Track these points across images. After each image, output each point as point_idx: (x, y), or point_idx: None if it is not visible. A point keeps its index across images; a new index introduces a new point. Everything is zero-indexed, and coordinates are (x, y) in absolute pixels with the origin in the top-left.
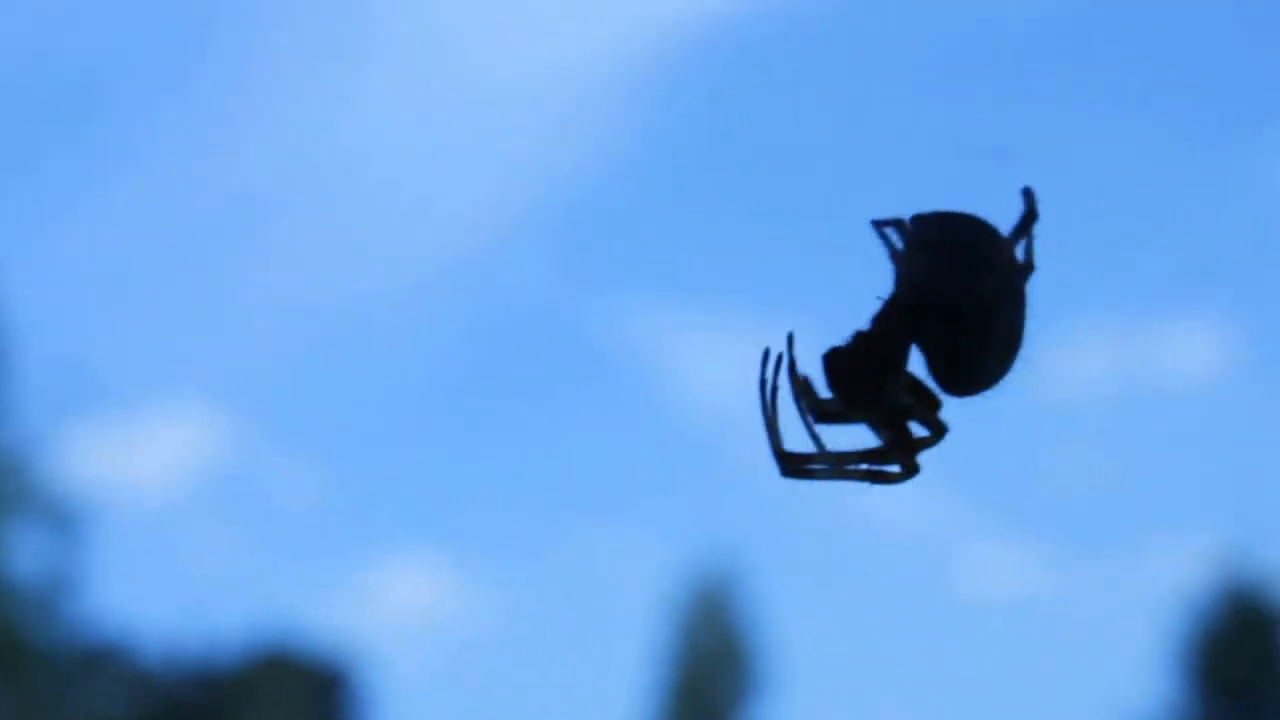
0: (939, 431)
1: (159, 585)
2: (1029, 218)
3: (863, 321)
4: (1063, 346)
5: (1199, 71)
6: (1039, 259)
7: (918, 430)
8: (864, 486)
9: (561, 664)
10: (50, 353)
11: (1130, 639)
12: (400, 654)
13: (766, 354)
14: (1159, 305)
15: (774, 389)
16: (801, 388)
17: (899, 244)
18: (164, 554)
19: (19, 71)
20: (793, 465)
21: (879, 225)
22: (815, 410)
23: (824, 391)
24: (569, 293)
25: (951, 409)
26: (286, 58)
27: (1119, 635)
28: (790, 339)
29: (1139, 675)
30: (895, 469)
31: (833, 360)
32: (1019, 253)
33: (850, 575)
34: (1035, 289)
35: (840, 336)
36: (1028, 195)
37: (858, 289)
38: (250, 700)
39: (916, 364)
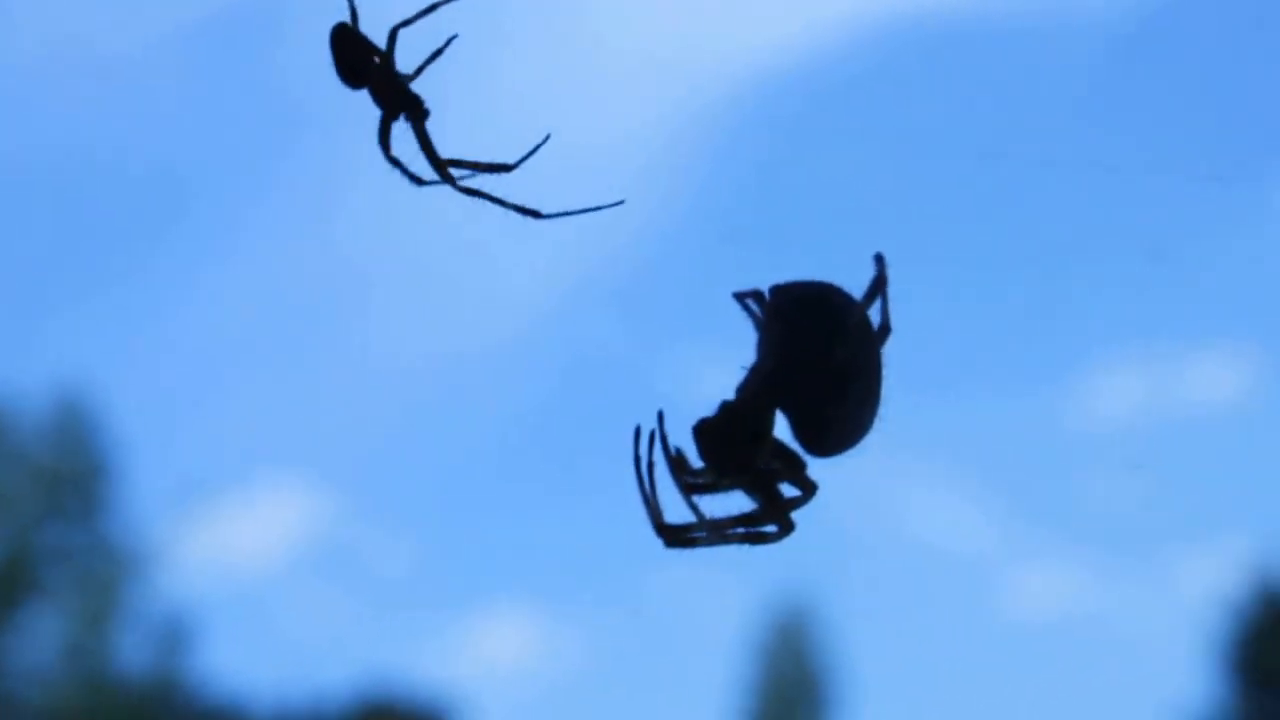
0: (809, 490)
1: (268, 651)
2: (879, 283)
3: (727, 392)
4: (1096, 375)
5: (1219, 97)
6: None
7: (789, 490)
8: (744, 549)
9: (648, 703)
10: (159, 444)
11: (1173, 645)
12: (495, 701)
13: (638, 432)
14: (1185, 335)
15: (649, 465)
16: (675, 462)
17: (759, 314)
18: (272, 622)
19: (101, 167)
20: (675, 536)
21: (740, 297)
22: (691, 482)
23: (697, 462)
24: (640, 346)
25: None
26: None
27: (1162, 643)
28: (660, 416)
29: (1183, 678)
30: (772, 529)
31: (703, 433)
32: (875, 315)
33: (909, 599)
34: (1069, 321)
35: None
36: (879, 261)
37: (921, 329)
38: None
39: (781, 427)
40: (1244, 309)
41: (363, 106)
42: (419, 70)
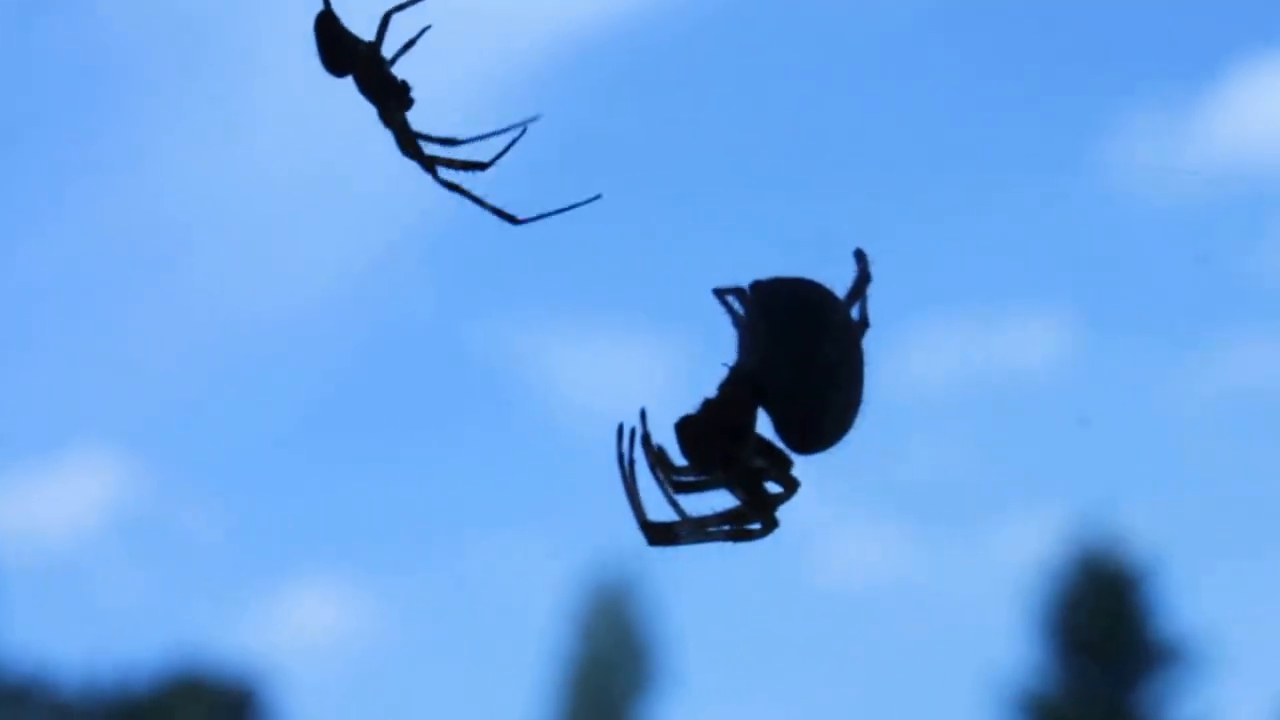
0: (792, 487)
1: (75, 622)
2: (863, 280)
3: (710, 388)
4: (912, 338)
5: (1043, 71)
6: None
7: (772, 487)
8: (728, 546)
9: (463, 671)
10: None
11: (991, 612)
12: (308, 671)
13: (620, 430)
14: (1004, 298)
15: (631, 462)
16: (657, 458)
17: (740, 311)
18: (78, 593)
19: None
20: (658, 534)
21: (720, 293)
22: (673, 479)
23: (679, 460)
24: (452, 311)
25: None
26: (179, 92)
27: (980, 610)
28: (643, 414)
29: (1002, 645)
30: (755, 526)
31: (685, 429)
32: (855, 312)
33: (726, 567)
34: (886, 283)
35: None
36: (860, 257)
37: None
38: None
39: (764, 425)
40: (1062, 272)
41: (170, 69)
42: (393, 60)
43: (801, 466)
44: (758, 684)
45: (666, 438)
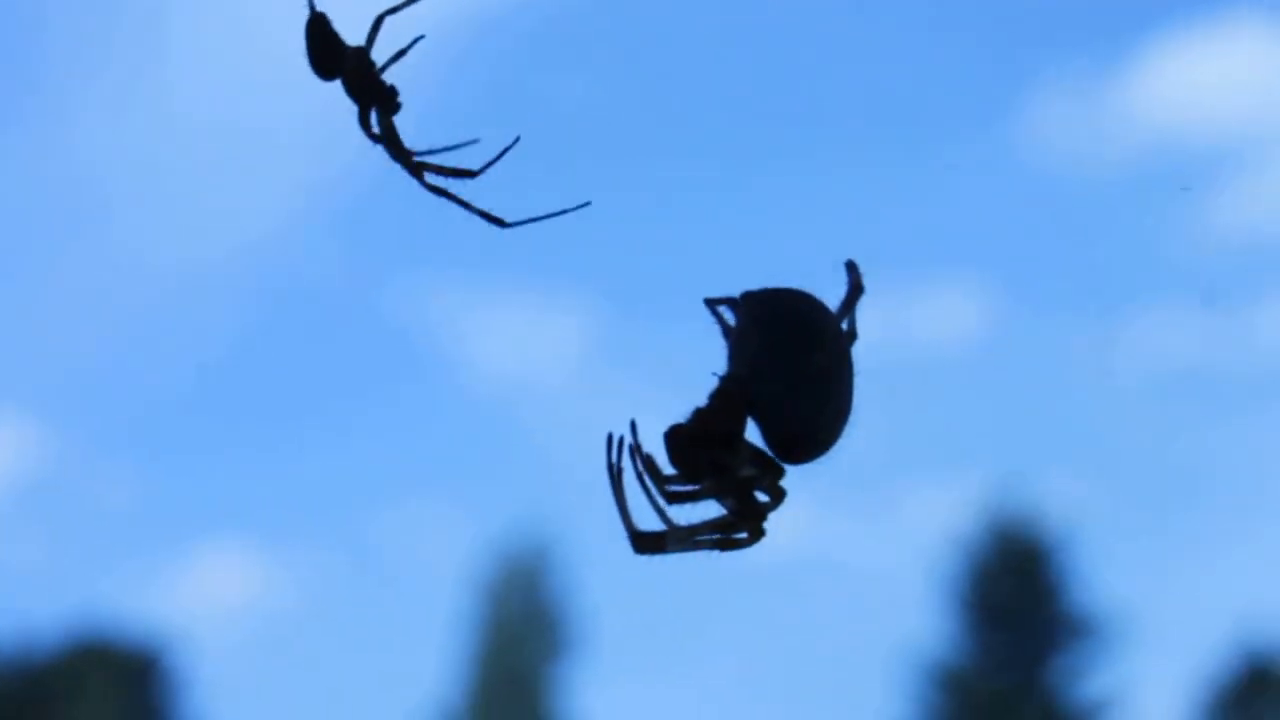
0: (779, 496)
1: None
2: (855, 291)
3: (700, 398)
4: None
5: (960, 44)
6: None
7: (759, 496)
8: (715, 554)
9: (373, 638)
10: None
11: (906, 584)
12: (214, 637)
13: (610, 438)
14: (921, 268)
15: (619, 471)
16: (647, 466)
17: (731, 321)
18: None
19: None
20: (645, 543)
21: (712, 303)
22: (663, 488)
23: (668, 468)
24: (362, 275)
25: None
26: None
27: (896, 582)
28: (633, 425)
29: (917, 617)
30: (743, 535)
31: (674, 438)
32: (843, 323)
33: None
34: (802, 251)
35: (681, 413)
36: (852, 268)
37: (641, 263)
38: (69, 687)
39: (752, 434)
40: (980, 243)
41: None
42: (383, 68)
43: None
44: (671, 655)
45: (654, 446)
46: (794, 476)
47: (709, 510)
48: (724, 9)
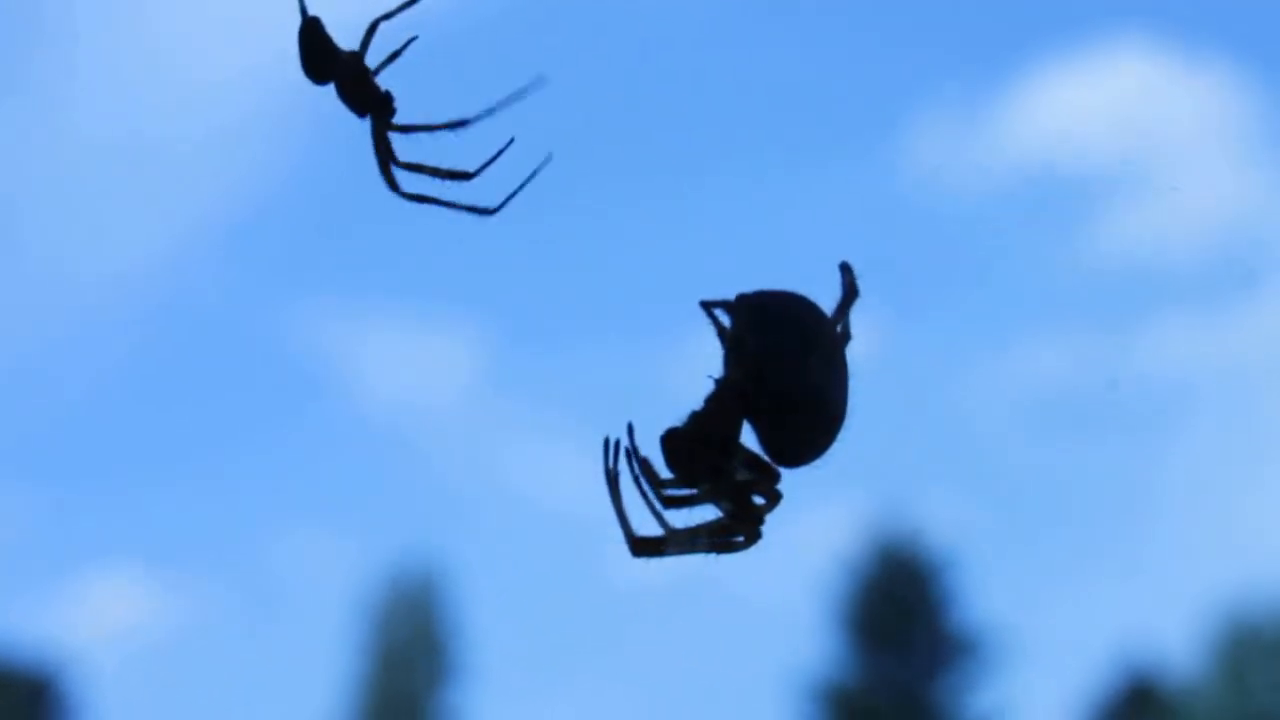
0: (775, 499)
1: None
2: (851, 294)
3: (696, 401)
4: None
5: (839, 68)
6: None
7: (756, 499)
8: (712, 558)
9: (264, 663)
10: None
11: (792, 604)
12: (108, 662)
13: (607, 443)
14: (802, 290)
15: (617, 476)
16: (644, 469)
17: (726, 324)
18: None
19: None
20: (643, 547)
21: (708, 306)
22: (660, 493)
23: (664, 472)
24: (251, 300)
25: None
26: None
27: (781, 602)
28: (630, 428)
29: (802, 640)
30: (739, 538)
31: (671, 441)
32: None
33: (526, 562)
34: (674, 271)
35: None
36: (847, 270)
37: (530, 287)
38: None
39: (747, 437)
40: (860, 264)
41: None
42: (377, 71)
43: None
44: (559, 679)
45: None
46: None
47: (705, 514)
48: (609, 25)
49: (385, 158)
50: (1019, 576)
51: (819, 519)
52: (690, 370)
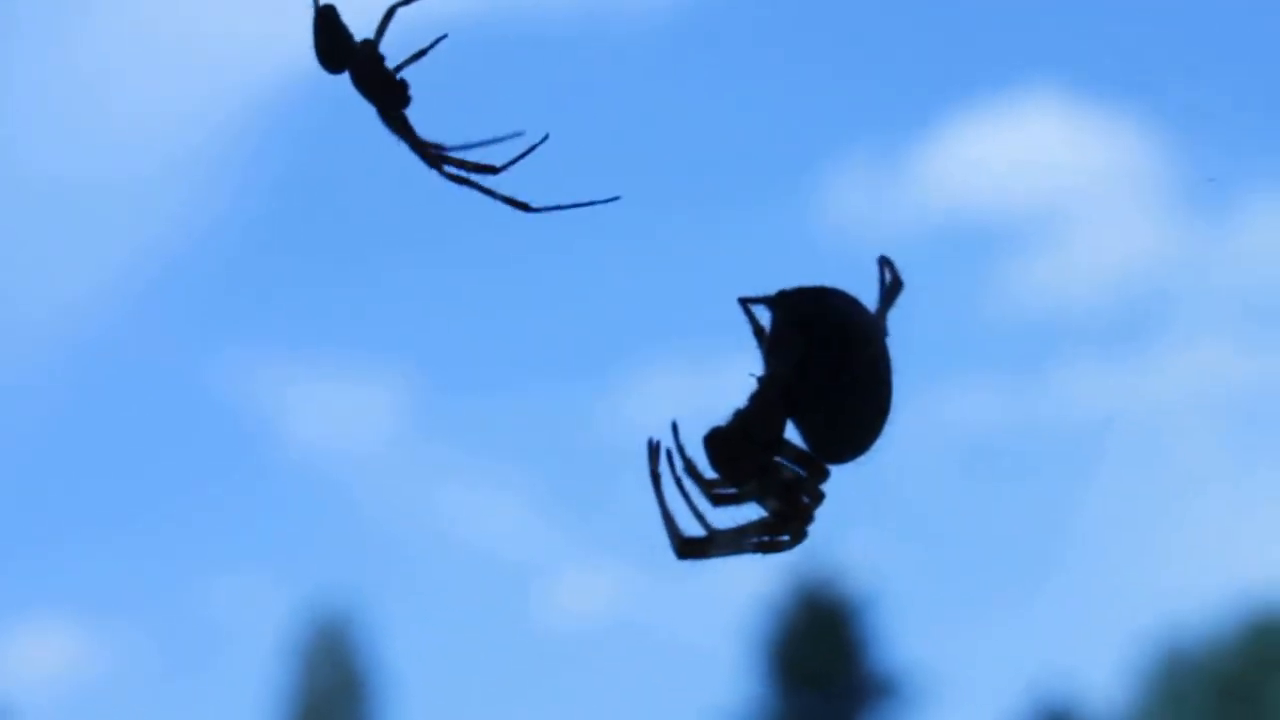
0: (818, 498)
1: None
2: (895, 287)
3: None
4: (635, 379)
5: (763, 116)
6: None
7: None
8: (756, 558)
9: (190, 708)
10: None
11: (713, 647)
12: (35, 712)
13: (650, 444)
14: (722, 335)
15: (660, 477)
16: (688, 470)
17: (765, 321)
18: None
19: None
20: (689, 548)
21: (747, 302)
22: (708, 492)
23: (709, 472)
24: (176, 346)
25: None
26: None
27: (702, 646)
28: (675, 427)
29: (725, 680)
30: (785, 538)
31: (715, 440)
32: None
33: (451, 603)
34: (614, 317)
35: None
36: (889, 265)
37: (454, 333)
38: None
39: (791, 436)
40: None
41: None
42: (399, 67)
43: None
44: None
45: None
46: (604, 545)
47: (749, 514)
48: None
49: (415, 141)
50: (939, 617)
51: (741, 559)
52: (617, 414)
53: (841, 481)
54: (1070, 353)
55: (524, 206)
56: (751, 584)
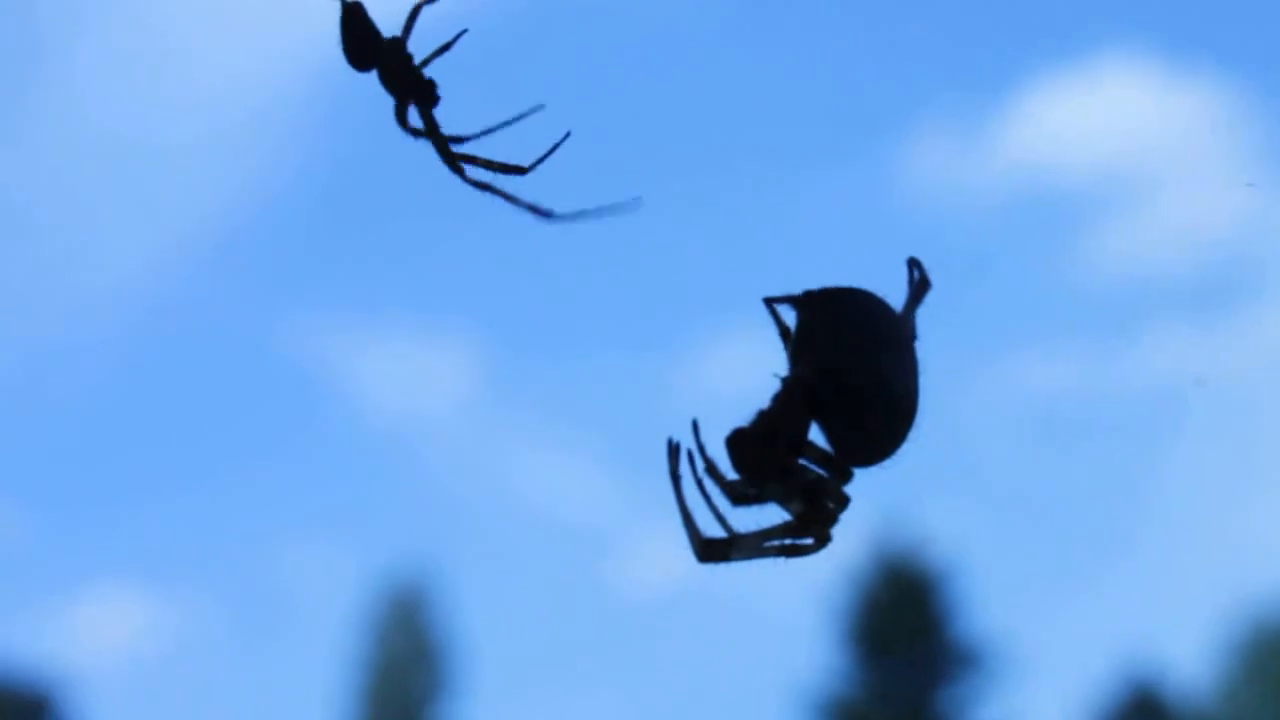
0: (843, 501)
1: None
2: (923, 287)
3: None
4: (712, 345)
5: (841, 77)
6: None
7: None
8: (780, 562)
9: (262, 678)
10: None
11: (796, 616)
12: (105, 678)
13: (670, 444)
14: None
15: (680, 478)
16: (710, 471)
17: (790, 320)
18: None
19: None
20: (710, 551)
21: (771, 302)
22: (729, 493)
23: (730, 474)
24: (250, 310)
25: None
26: None
27: (785, 614)
28: (695, 426)
29: (804, 651)
30: (808, 541)
31: (737, 441)
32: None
33: (526, 571)
34: (683, 286)
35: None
36: (918, 265)
37: (531, 298)
38: None
39: (814, 437)
40: (864, 271)
41: None
42: (424, 63)
43: None
44: (560, 690)
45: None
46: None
47: (771, 516)
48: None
49: (441, 142)
50: (1022, 587)
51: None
52: (693, 381)
53: (925, 450)
54: (1155, 319)
55: (546, 214)
56: (834, 555)
